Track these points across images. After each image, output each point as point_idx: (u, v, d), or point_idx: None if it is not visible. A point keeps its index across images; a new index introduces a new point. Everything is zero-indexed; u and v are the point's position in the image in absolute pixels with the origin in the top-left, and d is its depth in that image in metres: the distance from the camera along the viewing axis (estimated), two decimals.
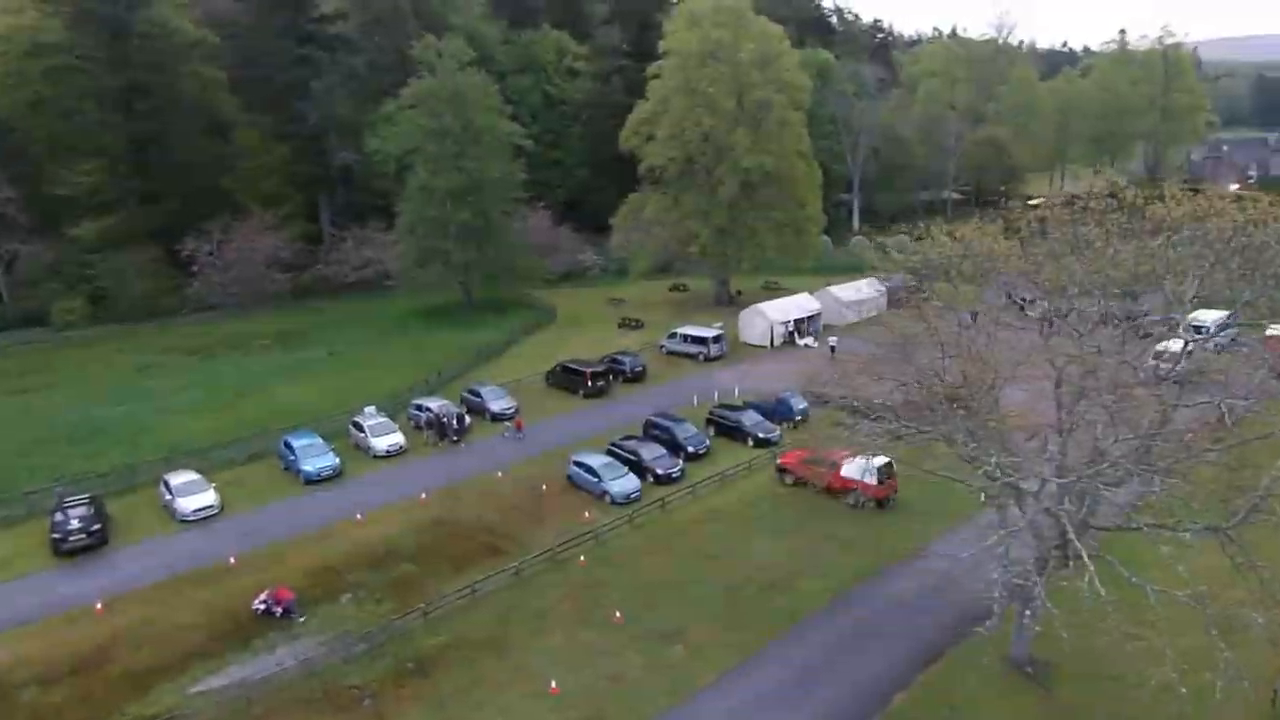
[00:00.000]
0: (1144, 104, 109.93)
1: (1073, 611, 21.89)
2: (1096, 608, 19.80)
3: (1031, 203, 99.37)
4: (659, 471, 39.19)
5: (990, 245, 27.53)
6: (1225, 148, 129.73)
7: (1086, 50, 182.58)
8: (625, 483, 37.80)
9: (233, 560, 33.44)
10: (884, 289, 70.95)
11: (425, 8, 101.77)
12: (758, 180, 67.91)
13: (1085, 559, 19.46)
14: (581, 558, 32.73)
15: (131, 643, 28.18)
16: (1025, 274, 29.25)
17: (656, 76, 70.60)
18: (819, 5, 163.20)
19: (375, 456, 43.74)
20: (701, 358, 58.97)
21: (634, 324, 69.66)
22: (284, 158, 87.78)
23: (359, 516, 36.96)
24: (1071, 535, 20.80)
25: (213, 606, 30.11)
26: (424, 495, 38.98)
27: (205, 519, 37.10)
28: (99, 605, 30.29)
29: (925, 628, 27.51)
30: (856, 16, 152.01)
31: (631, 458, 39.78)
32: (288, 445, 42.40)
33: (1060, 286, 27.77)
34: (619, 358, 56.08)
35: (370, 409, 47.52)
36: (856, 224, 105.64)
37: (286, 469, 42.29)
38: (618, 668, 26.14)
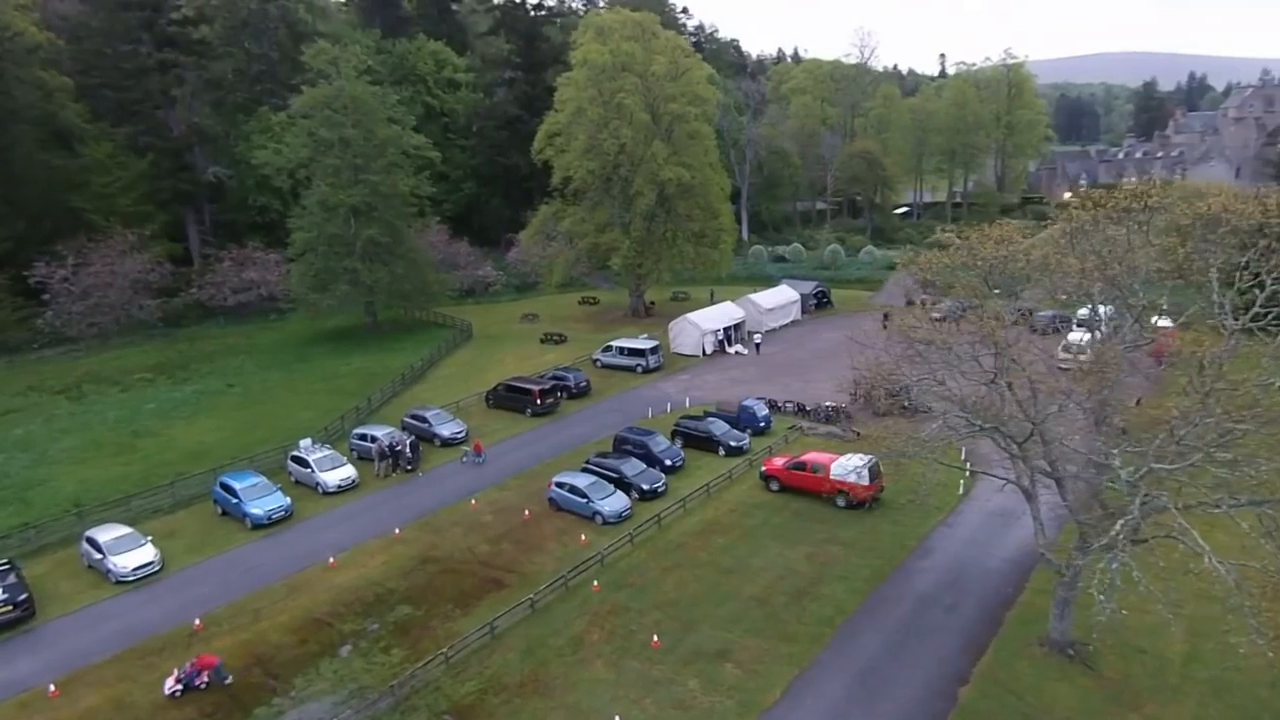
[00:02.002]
0: (991, 120, 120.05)
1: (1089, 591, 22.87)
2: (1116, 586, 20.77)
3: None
4: (644, 487, 38.16)
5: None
6: (1057, 161, 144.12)
7: (941, 73, 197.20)
8: (615, 501, 36.53)
9: (197, 623, 29.48)
10: (798, 295, 73.23)
11: (292, 15, 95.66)
12: (674, 192, 68.34)
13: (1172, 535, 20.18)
14: (595, 583, 31.21)
15: None
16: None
17: (567, 86, 69.49)
18: (684, 24, 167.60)
19: (325, 493, 40.12)
20: (639, 369, 58.34)
21: (557, 339, 68.09)
22: (144, 172, 79.56)
23: (331, 560, 33.66)
24: (1136, 514, 21.46)
25: None
26: (398, 530, 36.08)
27: (146, 578, 32.57)
28: (52, 688, 25.79)
29: (960, 620, 28.09)
30: (718, 36, 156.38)
31: (613, 475, 38.54)
32: (226, 488, 38.10)
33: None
34: (562, 374, 54.51)
35: (306, 442, 43.63)
36: (745, 234, 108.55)
37: (226, 514, 38.02)
38: (678, 694, 24.98)
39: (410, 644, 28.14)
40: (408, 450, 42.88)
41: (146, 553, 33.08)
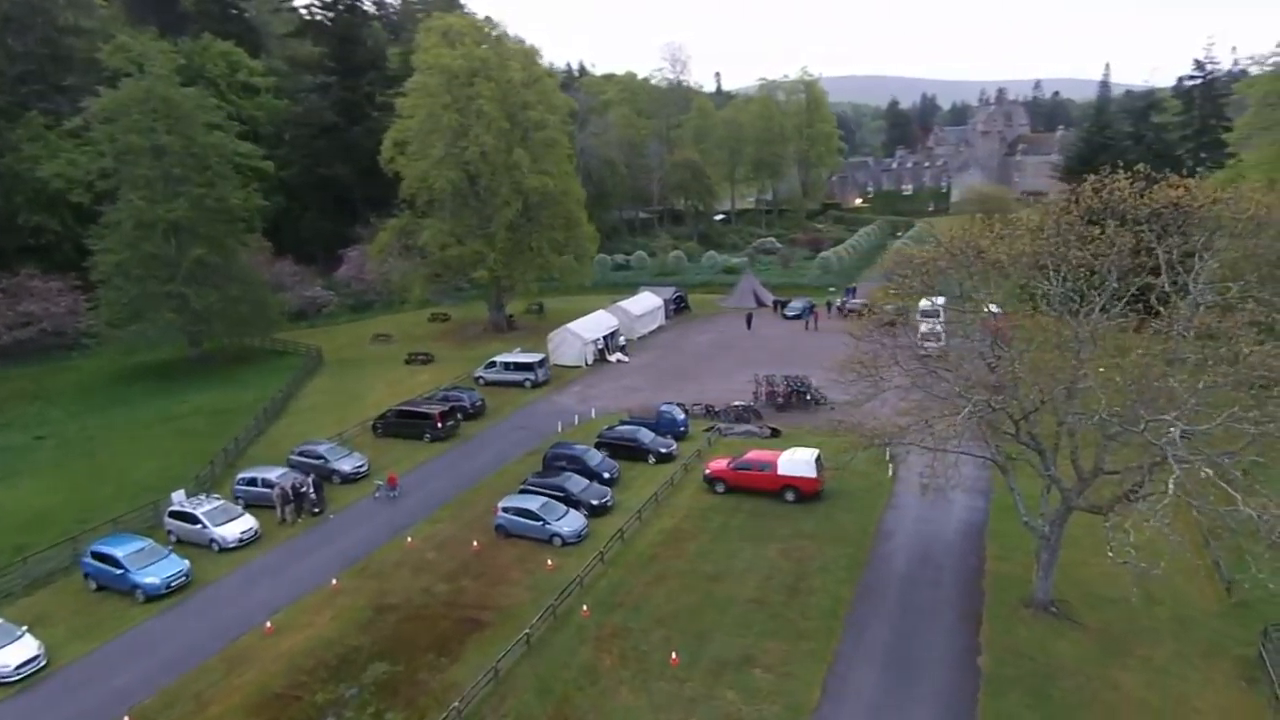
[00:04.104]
0: (794, 132, 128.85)
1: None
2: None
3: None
4: (593, 503, 36.65)
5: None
6: (847, 170, 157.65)
7: (718, 90, 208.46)
8: (572, 521, 34.74)
9: None
10: (661, 301, 74.14)
11: (49, 8, 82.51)
12: (537, 201, 66.69)
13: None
14: (584, 608, 29.44)
15: None
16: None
17: (416, 92, 65.55)
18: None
19: (224, 550, 34.78)
20: (528, 384, 56.21)
21: (423, 359, 64.03)
22: None
23: (268, 625, 29.14)
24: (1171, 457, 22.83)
25: None
26: (335, 581, 31.97)
27: (33, 675, 26.45)
28: None
29: (946, 595, 29.47)
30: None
31: (558, 494, 36.68)
32: (102, 557, 31.94)
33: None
34: (454, 394, 51.22)
35: (180, 495, 37.68)
36: None
37: (103, 588, 31.85)
38: (721, 709, 24.04)
39: (404, 705, 24.93)
40: (312, 491, 38.25)
41: (27, 646, 26.87)
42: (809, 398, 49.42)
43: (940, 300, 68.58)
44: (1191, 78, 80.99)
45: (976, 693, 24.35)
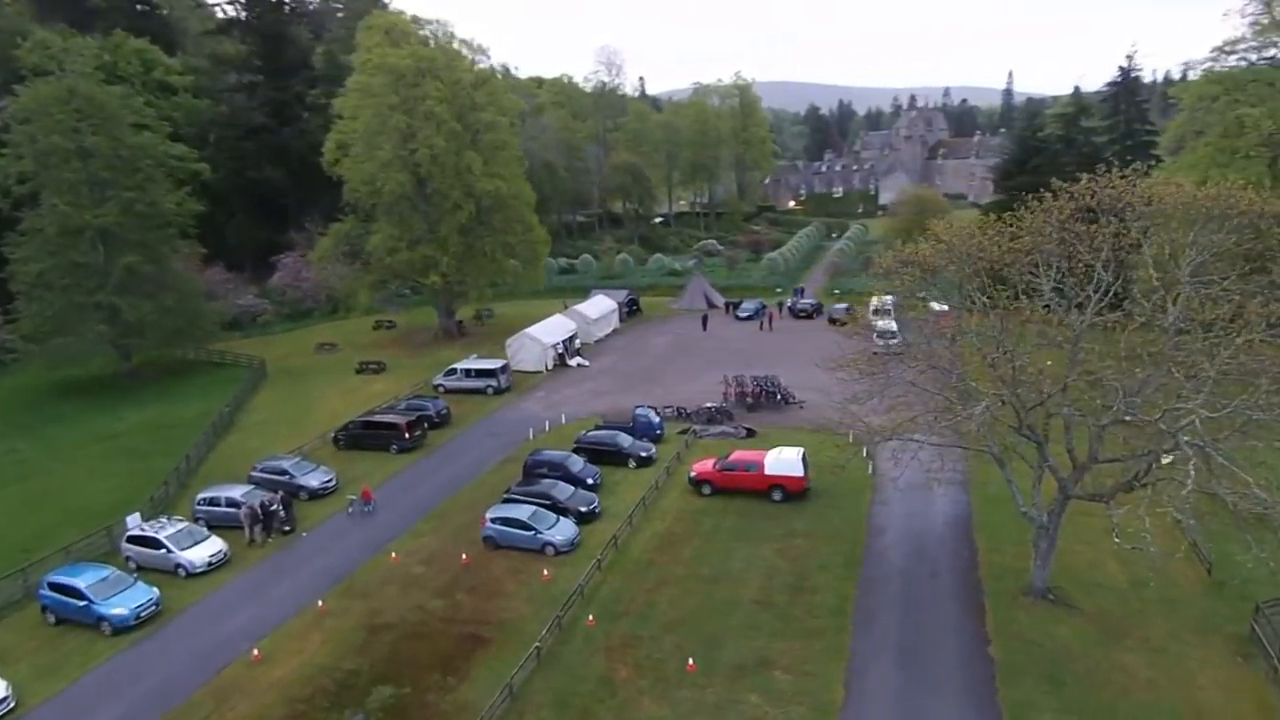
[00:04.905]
0: (729, 135, 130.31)
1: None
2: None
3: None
4: (581, 510, 35.94)
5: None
6: (780, 174, 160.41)
7: (641, 94, 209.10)
8: (564, 529, 33.96)
9: None
10: (615, 304, 73.70)
11: None
12: (490, 204, 65.37)
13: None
14: (590, 617, 28.76)
15: None
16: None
17: (360, 92, 63.35)
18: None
19: (191, 575, 32.70)
20: (490, 391, 54.92)
21: (375, 367, 61.87)
22: None
23: (255, 653, 27.45)
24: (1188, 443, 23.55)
25: None
26: (320, 603, 30.40)
27: (1, 717, 24.25)
28: None
29: (946, 587, 29.91)
30: None
31: (545, 502, 35.82)
32: (62, 588, 29.65)
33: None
34: (419, 403, 49.60)
35: (135, 519, 35.37)
36: None
37: (64, 621, 29.55)
38: (749, 713, 23.75)
39: None
40: (281, 510, 36.36)
41: None
42: (779, 397, 49.76)
43: (889, 299, 70.48)
44: (1115, 83, 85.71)
45: (993, 681, 24.76)
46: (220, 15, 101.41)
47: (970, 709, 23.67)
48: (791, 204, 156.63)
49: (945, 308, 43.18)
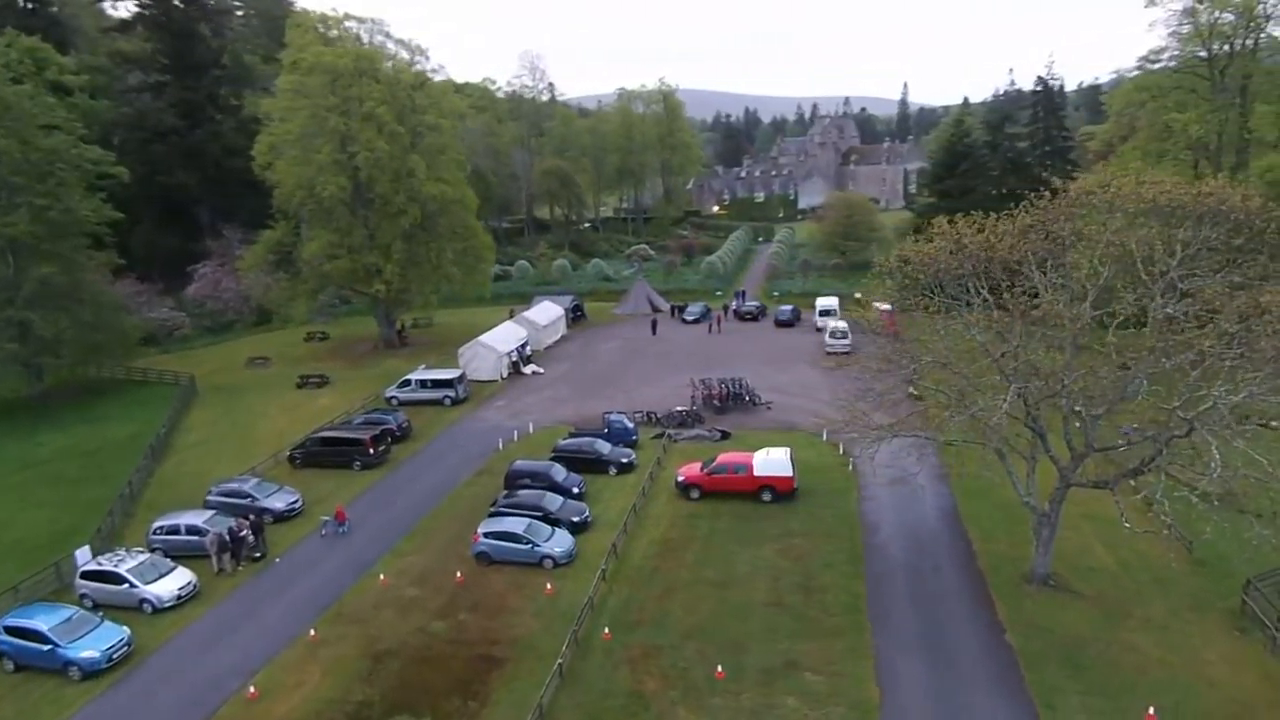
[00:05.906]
0: (655, 141, 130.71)
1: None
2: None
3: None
4: (574, 520, 35.00)
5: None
6: (704, 179, 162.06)
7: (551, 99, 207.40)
8: (562, 541, 32.95)
9: None
10: (562, 310, 72.66)
11: None
12: (435, 209, 63.34)
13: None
14: (605, 630, 27.90)
15: None
16: None
17: (292, 92, 60.33)
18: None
19: (157, 610, 30.12)
20: (448, 401, 53.06)
21: (317, 381, 58.93)
22: None
23: (250, 690, 25.41)
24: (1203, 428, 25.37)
25: None
26: (313, 632, 28.44)
27: None
28: None
29: (951, 580, 30.40)
30: None
31: (536, 513, 34.70)
32: (20, 632, 26.89)
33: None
34: (379, 417, 47.40)
35: (84, 552, 32.48)
36: None
37: (22, 669, 26.76)
38: (789, 717, 23.51)
39: None
40: (251, 535, 33.97)
41: None
42: (747, 398, 49.93)
43: (834, 301, 71.83)
44: (1036, 91, 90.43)
45: (1017, 669, 25.24)
46: (119, 12, 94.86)
47: (1001, 698, 24.03)
48: (715, 209, 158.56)
49: (889, 307, 44.22)
